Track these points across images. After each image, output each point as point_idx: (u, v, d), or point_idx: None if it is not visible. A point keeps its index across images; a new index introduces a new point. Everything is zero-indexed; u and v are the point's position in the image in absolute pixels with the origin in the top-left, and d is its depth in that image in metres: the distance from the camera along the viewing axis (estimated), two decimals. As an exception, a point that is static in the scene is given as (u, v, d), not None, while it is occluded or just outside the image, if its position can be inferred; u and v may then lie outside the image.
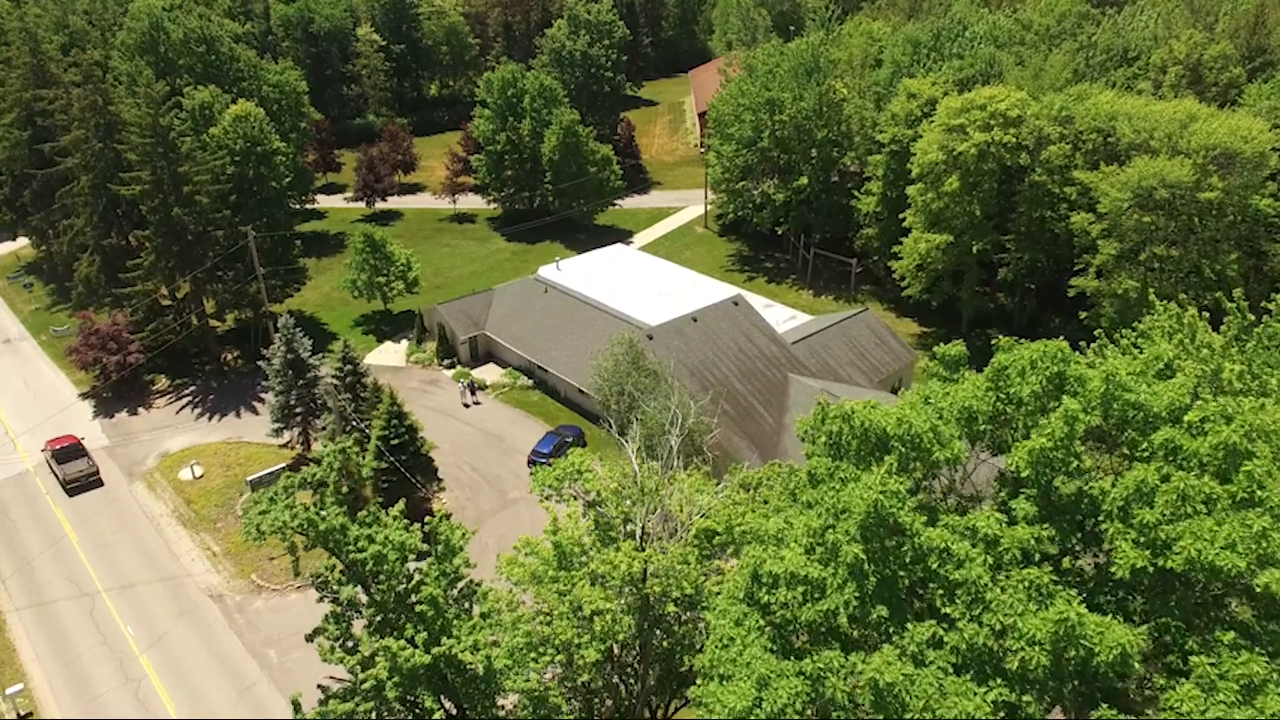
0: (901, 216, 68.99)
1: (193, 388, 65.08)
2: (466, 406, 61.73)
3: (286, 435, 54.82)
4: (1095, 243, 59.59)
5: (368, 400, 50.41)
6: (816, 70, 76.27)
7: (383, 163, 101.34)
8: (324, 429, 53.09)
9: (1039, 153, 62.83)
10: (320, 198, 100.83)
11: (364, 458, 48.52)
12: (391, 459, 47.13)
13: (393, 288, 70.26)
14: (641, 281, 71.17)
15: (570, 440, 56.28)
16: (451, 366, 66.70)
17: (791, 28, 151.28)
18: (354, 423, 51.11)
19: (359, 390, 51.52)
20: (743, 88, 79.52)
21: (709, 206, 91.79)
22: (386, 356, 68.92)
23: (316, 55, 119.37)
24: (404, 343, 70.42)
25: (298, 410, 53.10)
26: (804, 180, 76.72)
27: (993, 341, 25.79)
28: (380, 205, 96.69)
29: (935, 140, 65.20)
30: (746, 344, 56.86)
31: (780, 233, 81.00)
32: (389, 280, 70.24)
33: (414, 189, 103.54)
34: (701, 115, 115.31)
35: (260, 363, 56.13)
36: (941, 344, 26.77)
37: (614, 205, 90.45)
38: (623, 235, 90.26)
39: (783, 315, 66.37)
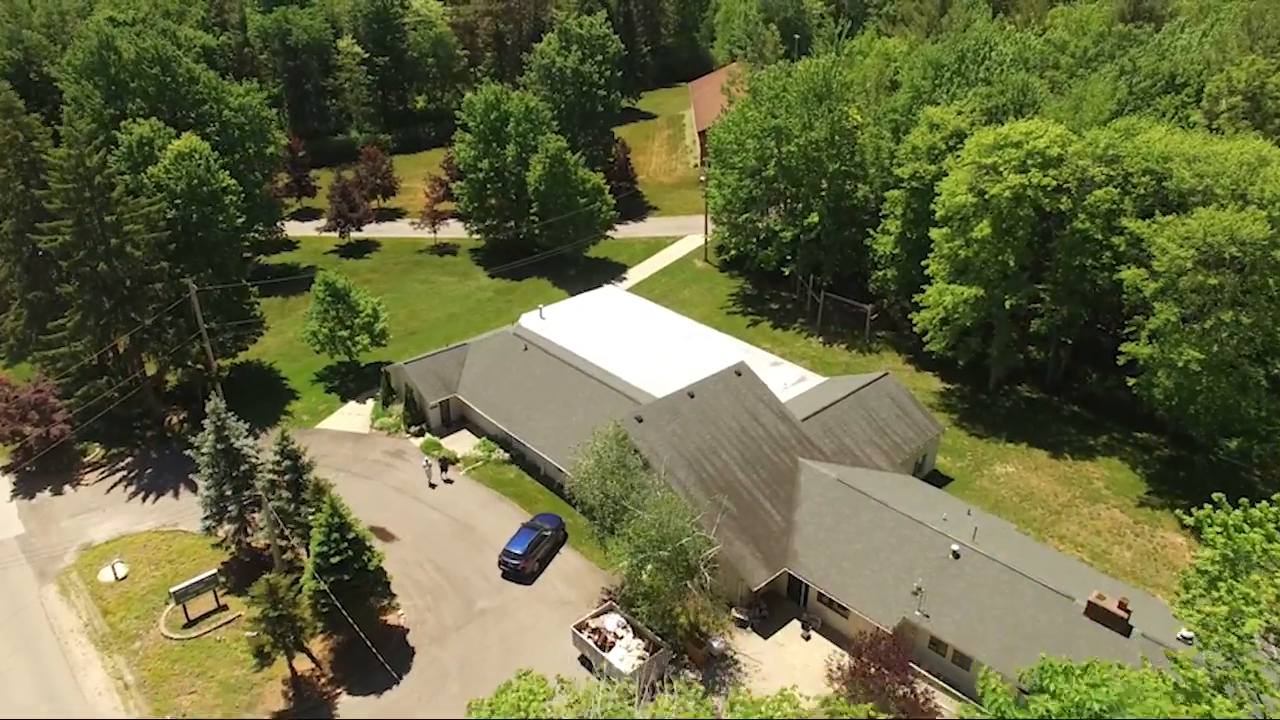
0: (924, 264, 60.80)
1: (129, 459, 57.11)
2: (433, 486, 53.71)
3: (221, 532, 46.88)
4: (1147, 301, 51.49)
5: (309, 503, 42.39)
6: (828, 95, 67.98)
7: (359, 188, 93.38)
8: (263, 528, 45.14)
9: (1082, 197, 54.64)
10: (293, 225, 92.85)
11: (301, 582, 40.63)
12: (331, 579, 39.14)
13: (356, 342, 62.18)
14: (633, 333, 63.15)
15: (549, 533, 48.32)
16: (420, 434, 58.68)
17: (797, 36, 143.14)
18: (292, 529, 43.18)
19: (300, 488, 43.50)
20: (746, 113, 71.28)
21: (709, 237, 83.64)
22: (348, 420, 60.89)
23: (295, 68, 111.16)
24: (369, 403, 62.42)
25: (232, 504, 45.14)
26: (814, 218, 68.52)
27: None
28: (356, 235, 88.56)
29: (963, 180, 57.01)
30: (750, 423, 48.79)
31: (787, 274, 72.82)
32: (352, 334, 62.17)
33: (394, 214, 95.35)
34: (702, 134, 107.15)
35: (188, 451, 48.15)
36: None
37: (607, 237, 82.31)
38: (615, 270, 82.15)
39: (791, 376, 58.27)
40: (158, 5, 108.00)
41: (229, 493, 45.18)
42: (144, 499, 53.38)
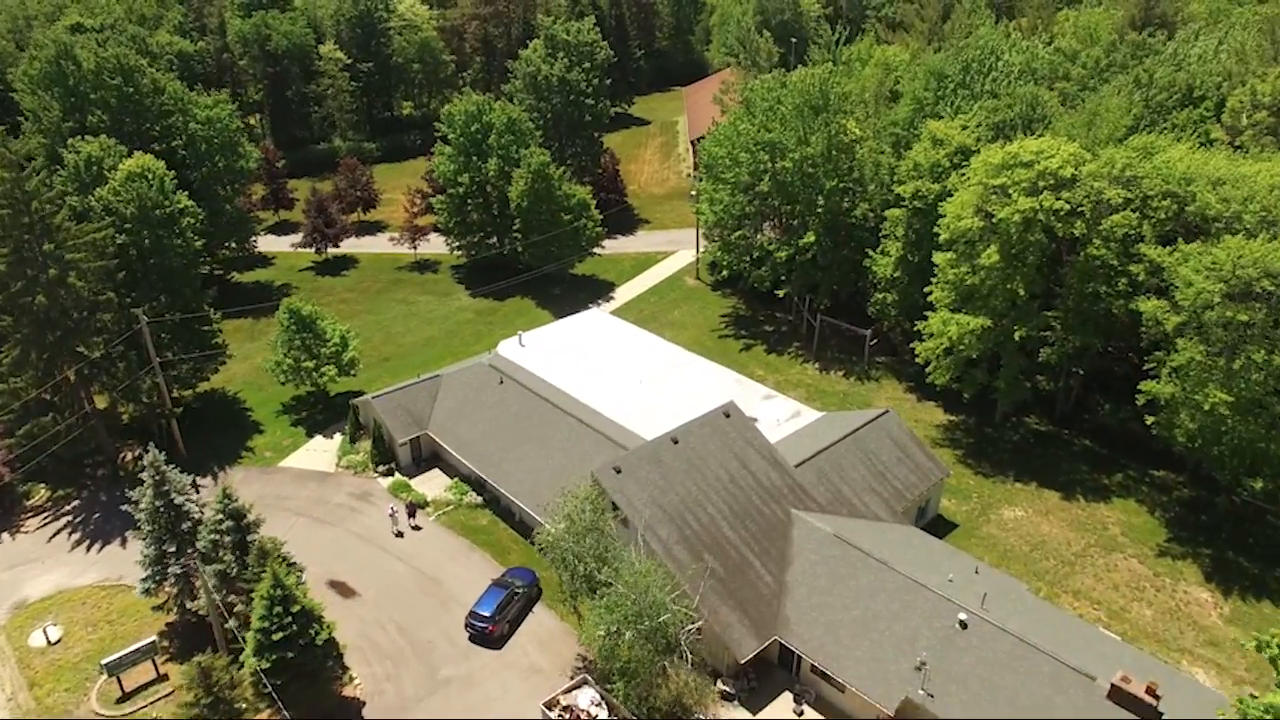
0: (926, 290, 56.62)
1: (76, 502, 53.02)
2: (399, 535, 49.58)
3: (163, 594, 42.73)
4: (1168, 336, 47.34)
5: (252, 569, 38.23)
6: (824, 108, 63.75)
7: (338, 200, 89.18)
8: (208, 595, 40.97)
9: (1097, 221, 50.42)
10: (270, 239, 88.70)
11: (242, 659, 36.56)
12: (274, 657, 35.05)
13: (323, 373, 58.01)
14: (617, 362, 59.04)
15: (521, 590, 44.21)
16: (389, 474, 54.57)
17: (794, 39, 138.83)
18: (237, 595, 39.09)
19: (243, 551, 39.36)
20: (739, 126, 67.06)
21: (701, 254, 79.45)
22: (314, 457, 56.74)
23: (276, 75, 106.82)
24: (337, 437, 58.29)
25: (174, 564, 41.01)
26: (810, 237, 64.30)
27: None
28: (333, 251, 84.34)
29: (969, 202, 52.84)
30: (740, 470, 44.64)
31: (781, 295, 68.63)
32: (319, 365, 58.01)
33: (375, 228, 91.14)
34: (695, 142, 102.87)
35: (125, 506, 44.02)
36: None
37: (593, 254, 78.06)
38: (603, 289, 77.96)
39: (784, 411, 54.14)
40: (133, 10, 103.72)
41: (171, 550, 41.07)
42: (88, 548, 49.26)
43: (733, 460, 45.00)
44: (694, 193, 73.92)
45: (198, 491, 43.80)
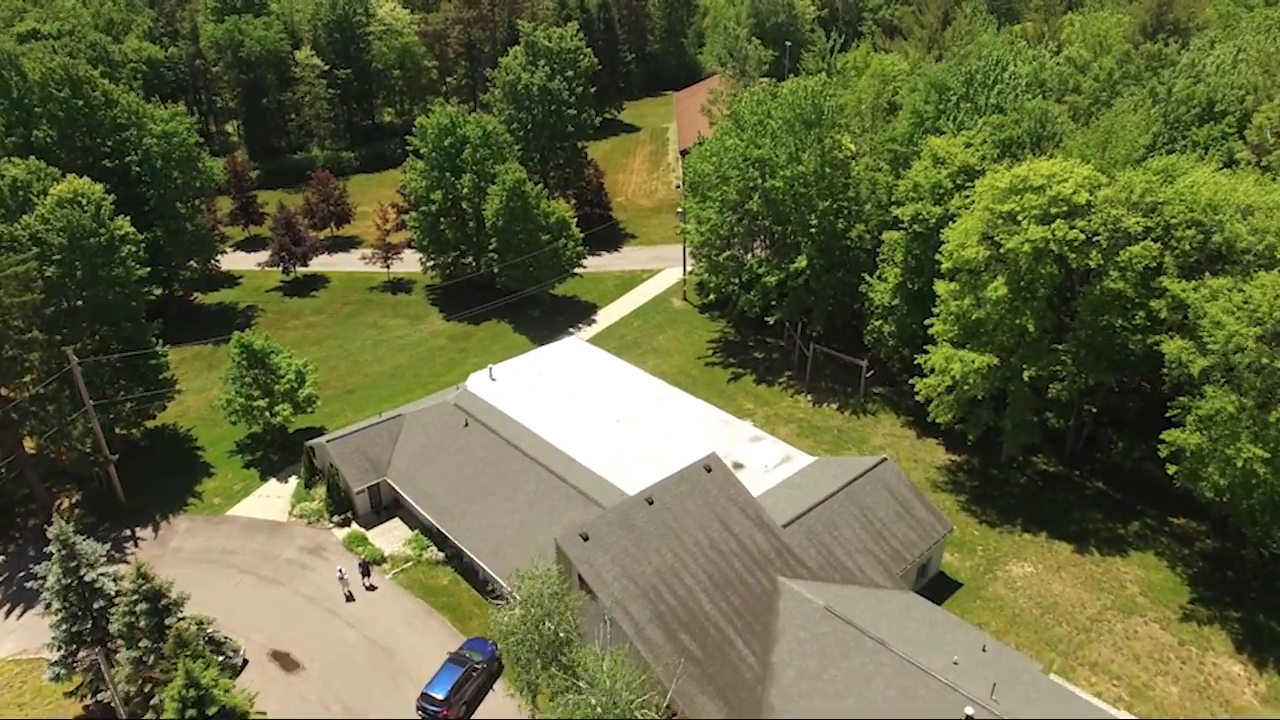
0: (927, 322, 51.89)
1: (1, 558, 48.36)
2: (350, 599, 44.88)
3: (75, 679, 38.03)
4: (1194, 380, 42.66)
5: (169, 659, 33.55)
6: (817, 123, 58.99)
7: (309, 215, 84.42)
8: (122, 679, 36.28)
9: (1115, 251, 45.66)
10: (239, 256, 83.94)
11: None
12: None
13: (276, 413, 53.28)
14: (594, 399, 54.37)
15: (480, 665, 39.59)
16: (345, 524, 49.91)
17: (788, 43, 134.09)
18: (153, 690, 34.42)
19: (160, 637, 34.68)
20: (726, 141, 62.26)
21: (688, 274, 74.69)
22: (265, 505, 52.03)
23: (249, 82, 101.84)
24: (293, 480, 53.61)
25: (86, 647, 36.34)
26: (802, 262, 59.56)
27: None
28: (302, 270, 79.52)
29: (974, 229, 48.09)
30: (721, 534, 39.98)
31: (771, 322, 63.86)
32: (272, 404, 53.29)
33: (349, 244, 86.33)
34: (684, 152, 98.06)
35: (30, 583, 39.37)
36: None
37: (575, 274, 73.24)
38: (584, 311, 73.21)
39: (773, 454, 49.49)
40: (100, 15, 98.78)
41: (83, 629, 36.42)
42: (8, 613, 44.59)
43: (714, 522, 40.32)
44: (680, 209, 69.19)
45: (136, 545, 39.11)
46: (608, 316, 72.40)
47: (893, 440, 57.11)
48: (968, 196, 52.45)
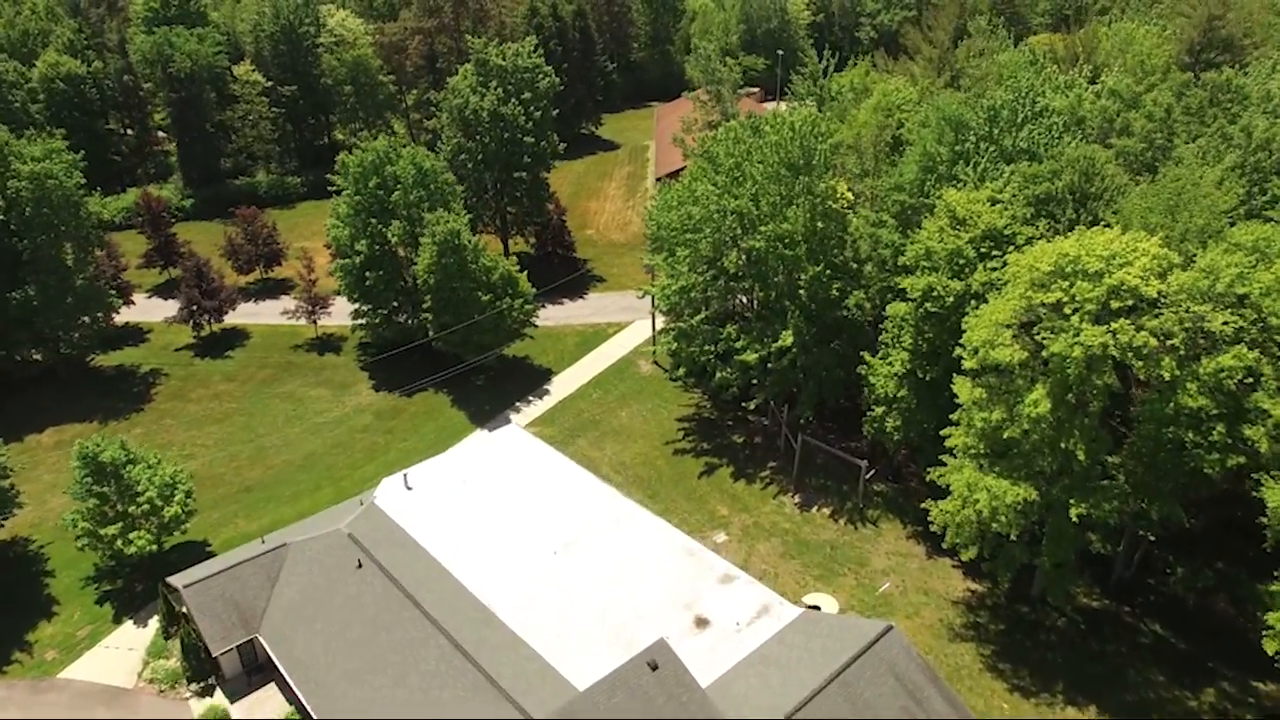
0: (945, 433, 40.15)
1: None
2: (185, 825, 33.59)
3: None
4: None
5: None
6: (807, 169, 47.24)
7: (234, 257, 72.73)
8: None
9: (1194, 357, 34.04)
10: (155, 304, 72.20)
11: None
12: None
13: (131, 541, 41.75)
14: (528, 518, 42.87)
15: None
16: (207, 692, 38.49)
17: (780, 51, 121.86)
18: None
19: None
20: (697, 189, 50.46)
21: (658, 332, 62.86)
22: (112, 661, 40.55)
23: (183, 100, 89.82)
24: (153, 623, 42.15)
25: None
26: (787, 338, 47.87)
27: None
28: (218, 325, 67.78)
29: (1005, 318, 36.41)
30: (670, 770, 28.55)
31: (751, 408, 52.13)
32: (124, 530, 41.77)
33: (280, 288, 74.47)
34: (662, 178, 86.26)
35: None
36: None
37: (524, 336, 61.31)
38: (535, 379, 61.55)
39: (749, 604, 37.98)
40: (14, 25, 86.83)
41: None
42: None
43: (660, 752, 28.87)
44: (647, 264, 57.44)
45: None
46: (564, 385, 60.70)
47: (898, 561, 45.57)
48: (995, 269, 40.88)
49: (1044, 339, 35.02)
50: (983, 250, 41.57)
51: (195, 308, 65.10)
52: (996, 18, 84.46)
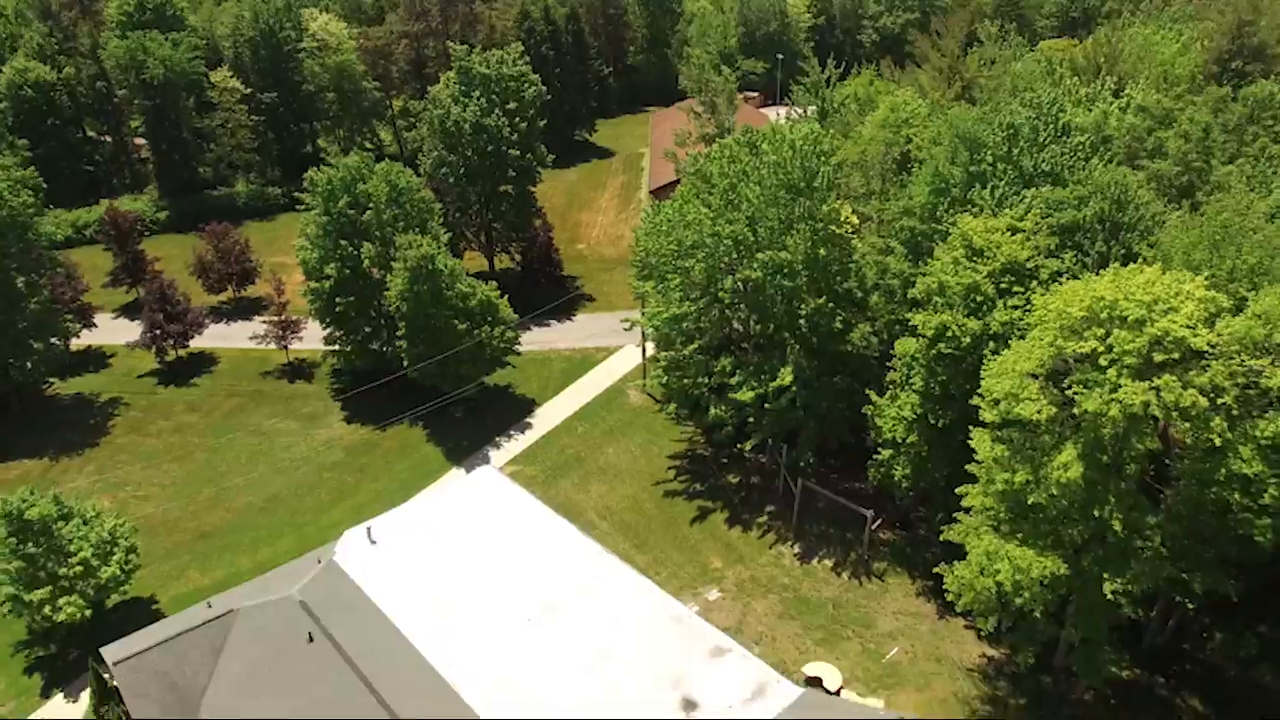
0: (961, 490, 35.92)
1: None
2: None
3: None
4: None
5: None
6: (809, 191, 43.00)
7: (204, 275, 68.63)
8: None
9: (1248, 413, 29.82)
10: (121, 326, 68.03)
11: None
12: None
13: (61, 608, 37.61)
14: (500, 578, 38.70)
15: None
16: (137, 781, 34.37)
17: (780, 55, 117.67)
18: None
19: None
20: (687, 213, 46.17)
21: (648, 360, 58.59)
22: (36, 743, 36.61)
23: (158, 108, 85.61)
24: (84, 697, 38.03)
25: None
26: (786, 376, 43.60)
27: None
28: (184, 350, 63.58)
29: (1030, 367, 32.17)
30: None
31: (748, 449, 47.84)
32: (55, 595, 37.64)
33: (253, 308, 70.01)
34: (655, 191, 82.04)
35: None
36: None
37: (505, 365, 57.03)
38: (518, 410, 57.36)
39: (742, 684, 33.78)
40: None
41: None
42: None
43: None
44: (636, 292, 53.14)
45: None
46: (547, 418, 56.50)
47: (907, 623, 41.35)
48: (1016, 307, 36.68)
49: (1076, 394, 30.82)
50: (1002, 285, 37.36)
51: (158, 332, 60.95)
52: (1009, 24, 79.99)
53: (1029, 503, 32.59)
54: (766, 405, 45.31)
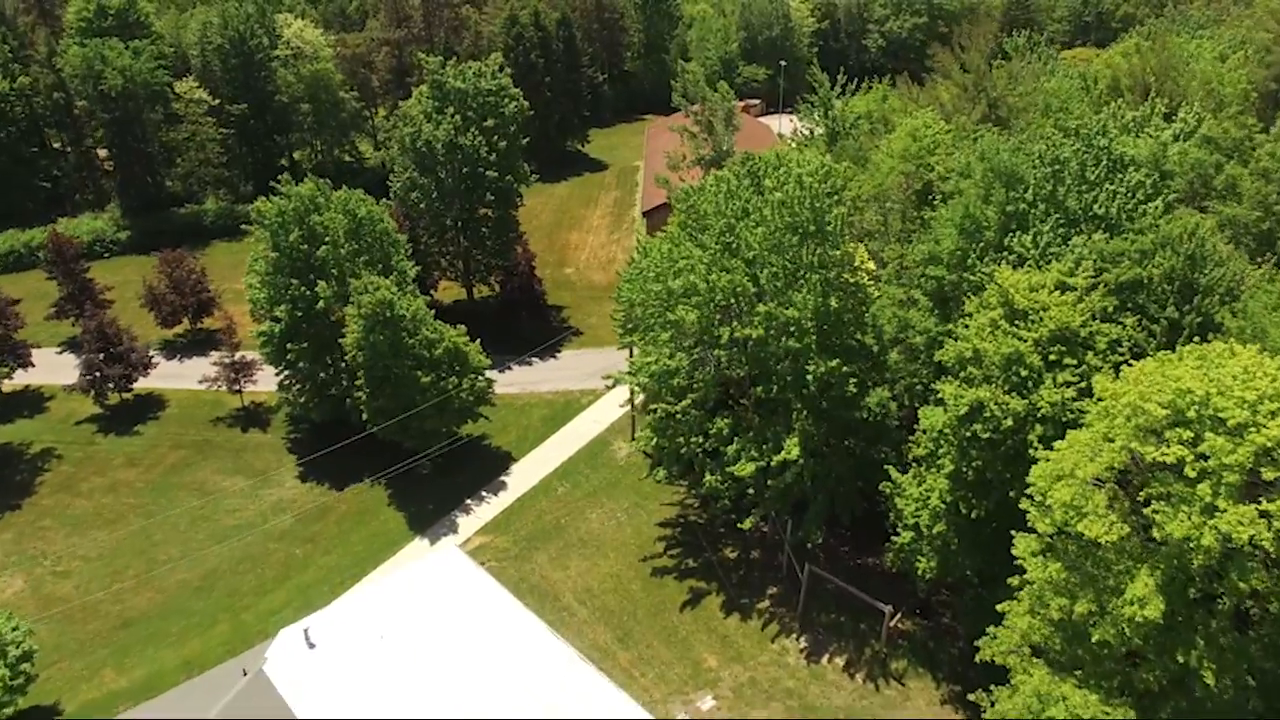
0: (1002, 608, 29.56)
1: None
2: None
3: None
4: None
5: None
6: (818, 235, 36.60)
7: (155, 307, 62.35)
8: None
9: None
10: (65, 363, 61.60)
11: None
12: None
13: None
14: (458, 693, 32.39)
15: None
16: None
17: (783, 63, 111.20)
18: None
19: None
20: (677, 255, 39.77)
21: (636, 409, 52.16)
22: None
23: (119, 120, 79.30)
24: (-37, 840, 31.94)
25: None
26: (793, 448, 37.22)
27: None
28: (128, 393, 57.28)
29: (1094, 470, 25.79)
30: None
31: (748, 527, 41.41)
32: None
33: (211, 342, 63.40)
34: (648, 213, 75.56)
35: None
36: None
37: (480, 416, 50.61)
38: (492, 467, 50.98)
39: None
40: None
41: None
42: None
43: None
44: (624, 343, 46.63)
45: None
46: (525, 475, 50.11)
47: (932, 742, 35.17)
48: (1069, 383, 30.31)
49: (1156, 513, 24.46)
50: (1051, 357, 31.00)
51: (98, 375, 54.66)
52: (1020, 30, 73.36)
53: (1093, 640, 26.31)
54: (769, 481, 38.95)
